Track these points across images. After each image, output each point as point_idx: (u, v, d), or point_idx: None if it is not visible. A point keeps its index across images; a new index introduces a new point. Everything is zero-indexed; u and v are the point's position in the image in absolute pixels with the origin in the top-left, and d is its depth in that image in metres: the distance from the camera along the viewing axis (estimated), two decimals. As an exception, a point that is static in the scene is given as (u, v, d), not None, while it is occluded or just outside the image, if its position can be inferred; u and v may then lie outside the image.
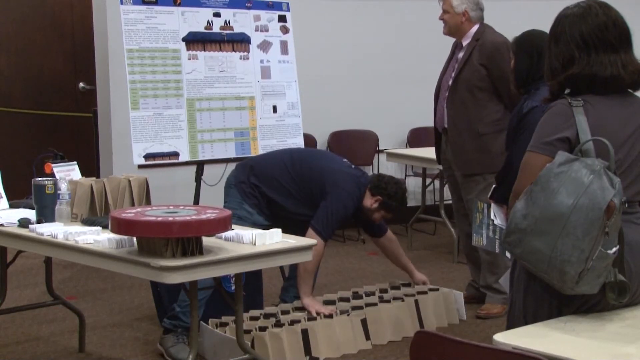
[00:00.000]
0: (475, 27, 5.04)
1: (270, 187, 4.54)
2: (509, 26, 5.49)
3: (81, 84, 7.24)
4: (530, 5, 7.71)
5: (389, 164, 7.42)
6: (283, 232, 3.68)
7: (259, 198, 4.53)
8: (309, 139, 6.88)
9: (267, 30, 5.84)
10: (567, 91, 2.57)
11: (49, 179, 3.80)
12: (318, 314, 4.36)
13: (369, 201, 4.59)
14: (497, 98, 4.95)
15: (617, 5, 2.63)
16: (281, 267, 5.29)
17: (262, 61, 5.79)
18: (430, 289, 4.86)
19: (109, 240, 3.29)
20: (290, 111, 5.85)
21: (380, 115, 7.50)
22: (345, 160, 4.76)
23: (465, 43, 5.05)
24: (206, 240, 3.29)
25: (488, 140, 4.92)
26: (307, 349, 4.21)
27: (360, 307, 4.51)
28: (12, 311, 4.40)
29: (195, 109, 5.47)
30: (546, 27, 2.72)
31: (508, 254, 3.63)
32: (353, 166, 4.72)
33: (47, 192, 3.71)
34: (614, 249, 2.36)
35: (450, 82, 5.04)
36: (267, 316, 4.37)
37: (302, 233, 4.27)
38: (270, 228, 3.99)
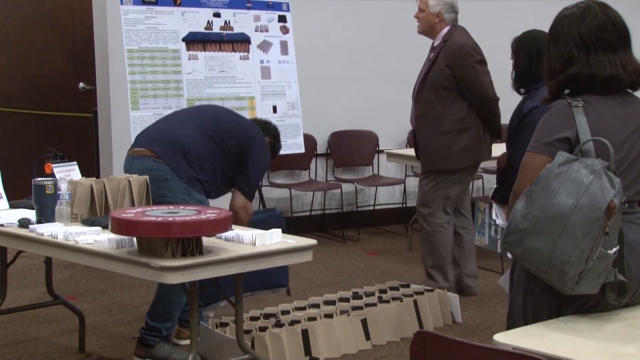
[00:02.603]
0: (447, 29, 5.16)
1: (206, 165, 4.16)
2: (509, 26, 5.49)
3: (81, 84, 7.24)
4: (530, 5, 7.71)
5: (389, 164, 7.43)
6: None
7: (201, 180, 4.16)
8: (309, 139, 6.88)
9: (267, 31, 5.85)
10: (566, 91, 2.58)
11: (49, 179, 3.79)
12: None
13: None
14: (462, 98, 5.07)
15: (615, 5, 2.64)
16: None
17: (262, 61, 5.80)
18: (426, 290, 4.86)
19: (109, 241, 3.30)
20: (290, 111, 5.86)
21: (380, 115, 7.51)
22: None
23: (436, 44, 5.19)
24: (206, 241, 3.30)
25: (450, 138, 5.06)
26: (307, 349, 4.21)
27: (360, 307, 4.51)
28: (12, 311, 4.40)
29: (195, 109, 5.46)
30: (546, 27, 2.72)
31: (509, 254, 3.63)
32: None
33: (47, 192, 3.71)
34: (614, 249, 2.36)
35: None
36: (267, 316, 4.37)
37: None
38: None
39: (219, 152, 4.16)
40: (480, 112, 5.10)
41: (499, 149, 4.87)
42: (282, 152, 5.50)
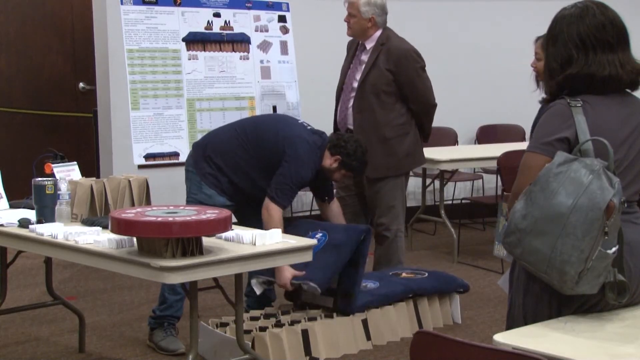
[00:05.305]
0: (379, 32, 5.15)
1: (228, 164, 4.43)
2: (509, 26, 5.52)
3: (81, 84, 7.24)
4: (529, 5, 7.71)
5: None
6: (246, 211, 3.69)
7: (218, 177, 4.43)
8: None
9: (267, 31, 5.85)
10: (565, 91, 2.58)
11: (49, 179, 3.80)
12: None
13: (329, 161, 4.45)
14: (402, 102, 5.08)
15: (614, 5, 2.64)
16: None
17: (262, 61, 5.79)
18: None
19: (109, 241, 3.30)
20: (290, 111, 5.85)
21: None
22: (302, 122, 4.60)
23: (369, 46, 5.16)
24: (206, 240, 3.30)
25: (394, 144, 5.07)
26: (307, 349, 4.21)
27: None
28: (12, 311, 4.40)
29: (196, 109, 5.47)
30: (546, 27, 2.72)
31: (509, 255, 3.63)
32: (309, 127, 4.54)
33: (47, 192, 3.71)
34: (614, 249, 2.36)
35: (355, 84, 5.15)
36: (267, 316, 4.37)
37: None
38: (233, 209, 4.14)
39: (248, 158, 4.41)
40: (418, 117, 5.14)
41: (498, 149, 4.87)
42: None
